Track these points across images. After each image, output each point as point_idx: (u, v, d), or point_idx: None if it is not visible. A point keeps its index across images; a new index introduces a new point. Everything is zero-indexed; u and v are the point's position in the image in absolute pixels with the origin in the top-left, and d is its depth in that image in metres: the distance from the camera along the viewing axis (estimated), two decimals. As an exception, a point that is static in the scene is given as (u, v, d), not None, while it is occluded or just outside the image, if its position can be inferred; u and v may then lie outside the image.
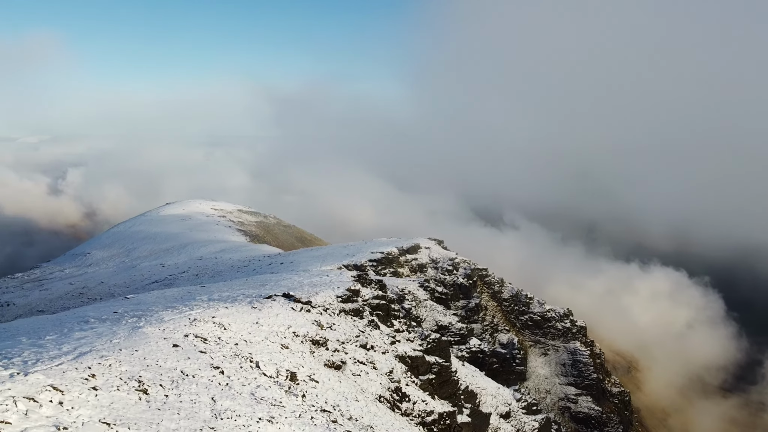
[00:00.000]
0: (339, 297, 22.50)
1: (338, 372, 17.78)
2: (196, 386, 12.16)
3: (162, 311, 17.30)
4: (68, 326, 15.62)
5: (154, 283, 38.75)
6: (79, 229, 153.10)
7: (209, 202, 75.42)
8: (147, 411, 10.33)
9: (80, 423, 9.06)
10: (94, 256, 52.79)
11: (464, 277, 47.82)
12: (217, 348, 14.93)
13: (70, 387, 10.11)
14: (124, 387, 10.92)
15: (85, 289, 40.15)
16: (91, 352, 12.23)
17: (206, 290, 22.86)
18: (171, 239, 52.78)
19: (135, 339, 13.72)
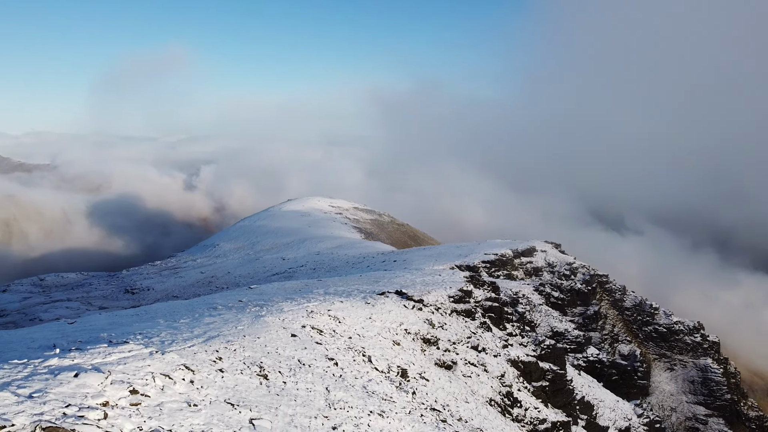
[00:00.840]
0: (451, 297, 22.43)
1: (448, 372, 17.73)
2: (311, 375, 12.66)
3: (282, 302, 18.18)
4: (199, 311, 16.89)
5: (275, 275, 40.82)
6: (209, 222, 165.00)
7: (327, 199, 78.18)
8: (267, 395, 10.92)
9: (208, 402, 9.75)
10: (222, 248, 56.58)
11: (582, 283, 45.82)
12: (332, 340, 15.44)
13: (200, 367, 10.92)
14: (247, 371, 11.62)
15: (213, 278, 43.21)
16: (218, 336, 13.13)
17: (323, 284, 23.72)
18: (291, 234, 55.37)
19: (257, 327, 14.53)
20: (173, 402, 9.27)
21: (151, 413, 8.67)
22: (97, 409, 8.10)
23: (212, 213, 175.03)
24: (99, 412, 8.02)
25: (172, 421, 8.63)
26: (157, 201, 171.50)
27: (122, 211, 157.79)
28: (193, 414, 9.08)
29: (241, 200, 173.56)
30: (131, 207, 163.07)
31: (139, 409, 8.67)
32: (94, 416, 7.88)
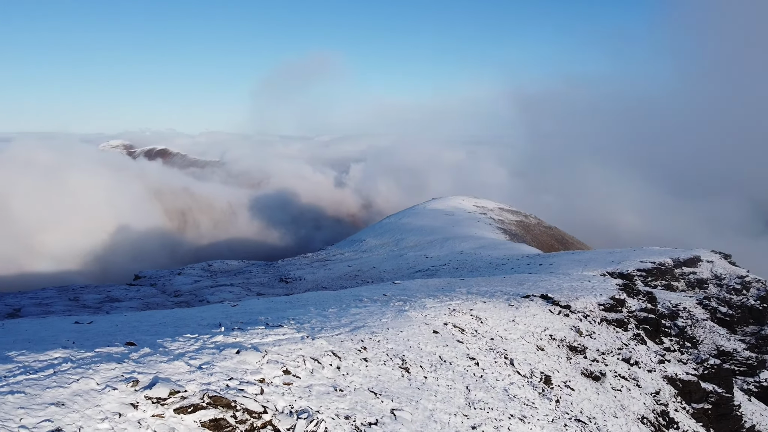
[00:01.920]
0: (601, 305, 21.23)
1: (596, 383, 16.80)
2: (452, 373, 12.68)
3: (425, 298, 18.40)
4: (346, 302, 17.64)
5: (418, 272, 41.43)
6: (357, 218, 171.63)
7: (471, 198, 77.69)
8: (408, 388, 11.12)
9: (353, 388, 10.16)
10: (368, 243, 58.57)
11: (756, 299, 40.95)
12: (474, 340, 15.33)
13: (346, 355, 11.41)
14: (390, 363, 11.92)
15: (359, 272, 44.92)
16: (363, 327, 13.61)
17: (465, 283, 23.63)
18: (435, 232, 55.84)
19: (400, 321, 14.85)
20: (321, 385, 9.79)
21: (301, 393, 9.23)
22: (255, 385, 8.79)
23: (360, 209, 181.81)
24: (256, 388, 8.69)
25: (319, 403, 9.11)
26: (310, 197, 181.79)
27: (279, 206, 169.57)
28: (338, 398, 9.51)
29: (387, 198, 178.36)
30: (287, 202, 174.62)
31: (290, 388, 9.27)
32: (252, 391, 8.56)
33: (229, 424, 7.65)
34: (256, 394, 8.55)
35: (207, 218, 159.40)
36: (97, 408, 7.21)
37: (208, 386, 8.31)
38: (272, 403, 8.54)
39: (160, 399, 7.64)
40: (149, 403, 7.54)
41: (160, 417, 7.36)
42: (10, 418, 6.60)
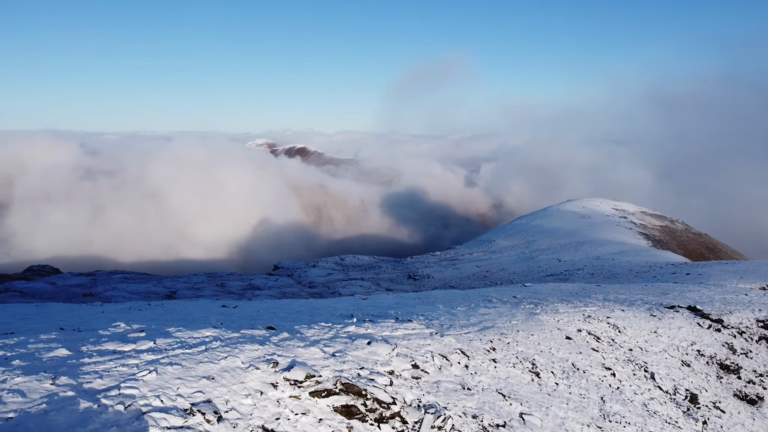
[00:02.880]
0: (760, 321, 19.11)
1: (751, 407, 15.16)
2: (585, 382, 12.09)
3: (557, 303, 17.72)
4: (475, 302, 17.48)
5: (550, 276, 39.99)
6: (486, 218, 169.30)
7: (610, 201, 73.45)
8: (538, 393, 10.78)
9: (481, 388, 10.05)
10: (498, 244, 57.52)
11: None
12: (610, 349, 14.50)
13: (474, 354, 11.30)
14: (519, 366, 11.63)
15: (488, 273, 44.28)
16: (492, 327, 13.40)
17: (601, 290, 22.42)
18: (568, 236, 53.53)
19: (531, 324, 14.43)
20: (449, 382, 9.79)
21: (429, 389, 9.30)
22: (384, 376, 8.99)
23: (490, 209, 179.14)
24: (386, 379, 8.89)
25: (447, 400, 9.11)
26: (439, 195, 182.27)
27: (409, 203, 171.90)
28: (466, 397, 9.45)
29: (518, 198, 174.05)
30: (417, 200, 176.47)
31: (419, 382, 9.36)
32: (381, 381, 8.76)
33: (360, 412, 7.89)
34: (385, 385, 8.74)
35: (340, 214, 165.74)
36: (241, 384, 7.78)
37: (341, 373, 8.63)
38: (401, 396, 8.68)
39: (297, 381, 8.07)
40: (287, 384, 8.00)
41: (296, 398, 7.78)
42: (169, 386, 7.32)
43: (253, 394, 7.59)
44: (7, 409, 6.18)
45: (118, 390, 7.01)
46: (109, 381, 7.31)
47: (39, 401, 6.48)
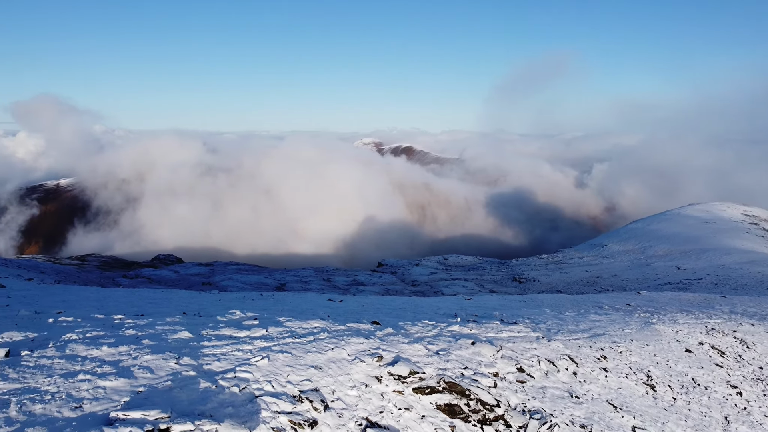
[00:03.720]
0: None
1: None
2: (707, 399, 11.22)
3: (676, 313, 16.59)
4: (584, 308, 16.76)
5: (667, 284, 37.49)
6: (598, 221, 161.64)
7: (739, 206, 67.55)
8: (653, 407, 10.14)
9: (590, 397, 9.61)
10: (610, 249, 54.78)
11: None
12: (736, 366, 13.34)
13: (584, 362, 10.83)
14: (632, 377, 11.00)
15: (598, 278, 42.28)
16: (604, 335, 12.78)
17: (727, 301, 20.69)
18: (690, 242, 49.88)
19: (646, 333, 13.61)
20: (555, 389, 9.45)
21: (534, 394, 9.03)
22: (488, 377, 8.84)
23: (601, 212, 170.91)
24: (490, 380, 8.74)
25: (553, 407, 8.81)
26: (547, 196, 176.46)
27: (515, 204, 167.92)
28: (574, 405, 9.08)
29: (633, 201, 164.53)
30: (523, 200, 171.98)
31: (524, 387, 9.12)
32: (485, 383, 8.63)
33: (463, 412, 7.82)
34: (489, 386, 8.60)
35: (444, 213, 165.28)
36: (347, 376, 7.97)
37: (444, 372, 8.60)
38: (505, 399, 8.50)
39: (400, 377, 8.14)
40: (391, 379, 8.09)
41: (400, 393, 7.84)
42: (280, 373, 7.64)
43: (358, 386, 7.75)
44: (138, 384, 6.75)
45: (233, 373, 7.43)
46: (225, 364, 7.76)
47: (165, 378, 7.02)
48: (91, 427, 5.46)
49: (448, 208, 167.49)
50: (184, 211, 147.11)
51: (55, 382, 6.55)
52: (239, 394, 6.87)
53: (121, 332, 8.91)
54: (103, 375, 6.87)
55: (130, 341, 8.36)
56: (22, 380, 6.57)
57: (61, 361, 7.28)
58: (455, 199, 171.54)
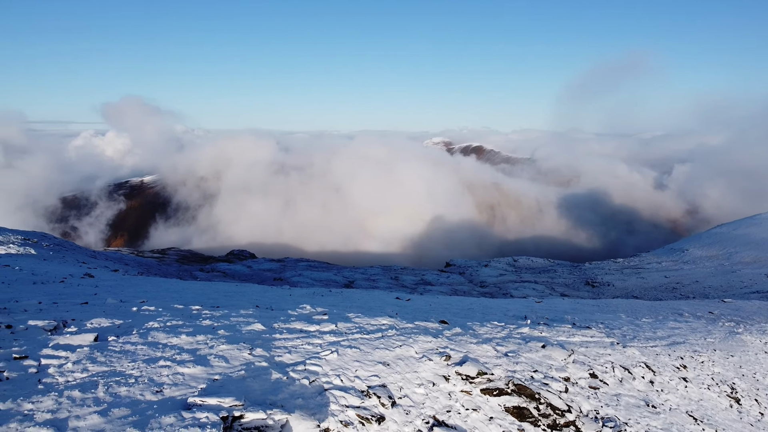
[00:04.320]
0: None
1: None
2: (799, 416, 10.47)
3: (765, 323, 15.59)
4: (663, 314, 16.03)
5: (755, 293, 35.25)
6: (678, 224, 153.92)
7: (837, 211, 62.60)
8: (737, 421, 9.57)
9: (668, 407, 9.18)
10: (691, 254, 52.12)
11: None
12: (833, 382, 12.39)
13: (662, 370, 10.36)
14: (715, 388, 10.43)
15: (678, 285, 40.29)
16: (684, 343, 12.18)
17: (823, 312, 19.23)
18: (781, 248, 46.71)
19: (731, 344, 12.86)
20: (630, 397, 9.09)
21: (608, 401, 8.72)
22: (559, 382, 8.61)
23: (682, 215, 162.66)
24: (560, 385, 8.51)
25: (628, 415, 8.47)
26: (624, 198, 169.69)
27: (589, 205, 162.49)
28: (650, 415, 8.70)
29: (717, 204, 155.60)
30: (597, 202, 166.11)
31: (597, 393, 8.83)
32: (556, 387, 8.41)
33: (532, 415, 7.65)
34: (560, 391, 8.38)
35: (514, 213, 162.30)
36: (414, 374, 7.97)
37: (513, 374, 8.45)
38: (576, 404, 8.26)
39: (468, 377, 8.06)
40: (459, 378, 8.03)
41: (467, 393, 7.77)
42: (348, 368, 7.75)
43: (425, 384, 7.74)
44: (214, 372, 7.02)
45: (304, 366, 7.59)
46: (296, 357, 7.94)
47: (239, 368, 7.26)
48: (171, 410, 5.73)
49: (518, 209, 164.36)
50: (257, 208, 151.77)
51: (138, 367, 6.92)
52: (309, 386, 7.01)
53: (198, 322, 9.30)
54: (182, 362, 7.19)
55: (207, 331, 8.71)
56: (109, 364, 6.98)
57: (144, 348, 7.68)
58: (526, 200, 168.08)
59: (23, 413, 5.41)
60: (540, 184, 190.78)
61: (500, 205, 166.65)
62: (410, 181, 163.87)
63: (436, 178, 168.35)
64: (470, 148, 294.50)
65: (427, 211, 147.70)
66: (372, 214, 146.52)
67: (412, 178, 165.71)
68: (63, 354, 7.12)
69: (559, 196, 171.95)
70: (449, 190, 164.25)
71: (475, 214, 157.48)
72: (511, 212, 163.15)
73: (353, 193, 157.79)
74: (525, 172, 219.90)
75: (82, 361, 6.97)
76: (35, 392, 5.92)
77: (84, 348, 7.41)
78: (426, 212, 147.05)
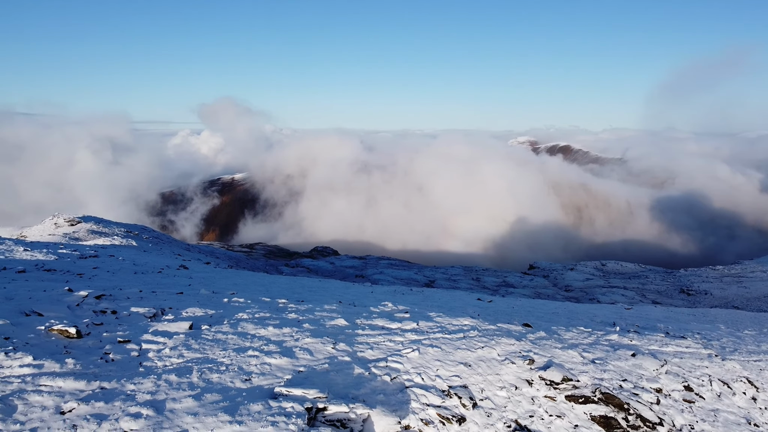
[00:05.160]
0: None
1: None
2: None
3: None
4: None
5: None
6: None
7: None
8: None
9: (772, 427, 8.52)
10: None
11: None
12: None
13: (766, 387, 9.63)
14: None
15: (785, 295, 37.28)
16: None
17: None
18: None
19: None
20: (730, 413, 8.51)
21: (704, 416, 8.21)
22: (650, 393, 8.20)
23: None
24: (652, 396, 8.11)
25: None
26: (725, 201, 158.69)
27: (685, 209, 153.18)
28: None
29: None
30: (695, 205, 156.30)
31: (691, 407, 8.34)
32: (646, 398, 8.02)
33: (620, 426, 7.34)
34: (651, 402, 7.98)
35: (603, 216, 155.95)
36: (496, 376, 7.85)
37: (600, 382, 8.14)
38: (669, 417, 7.83)
39: (553, 382, 7.84)
40: (543, 383, 7.83)
41: (551, 399, 7.56)
42: (429, 367, 7.75)
43: (507, 387, 7.61)
44: (299, 364, 7.24)
45: (385, 362, 7.67)
46: (378, 353, 8.04)
47: (322, 361, 7.45)
48: (259, 398, 5.96)
49: (607, 211, 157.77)
50: (340, 206, 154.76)
51: (228, 356, 7.26)
52: (390, 383, 7.07)
53: (284, 315, 9.61)
54: (269, 353, 7.46)
55: (292, 324, 8.98)
56: (202, 351, 7.36)
57: (234, 337, 8.03)
58: (616, 202, 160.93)
59: (126, 393, 5.81)
60: (631, 185, 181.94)
61: (588, 207, 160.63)
62: (493, 181, 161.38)
63: (520, 178, 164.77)
64: (557, 148, 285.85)
65: (511, 211, 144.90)
66: (454, 214, 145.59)
67: (496, 178, 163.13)
68: (161, 340, 7.59)
69: (652, 198, 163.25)
70: (534, 190, 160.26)
71: (560, 215, 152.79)
72: (600, 214, 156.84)
73: (435, 193, 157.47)
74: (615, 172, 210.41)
75: (178, 347, 7.39)
76: (137, 374, 6.34)
77: (180, 335, 7.86)
78: (509, 213, 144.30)
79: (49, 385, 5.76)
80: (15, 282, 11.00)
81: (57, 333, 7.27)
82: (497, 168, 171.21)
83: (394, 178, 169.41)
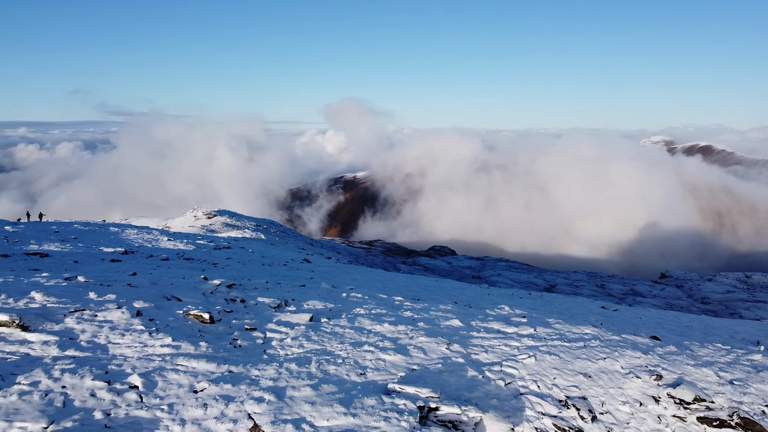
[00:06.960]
0: None
1: None
2: None
3: None
4: None
5: None
6: None
7: None
8: None
9: None
10: None
11: None
12: None
13: None
14: None
15: None
16: None
17: None
18: None
19: None
20: None
21: None
22: (800, 423, 7.35)
23: None
24: (802, 427, 7.26)
25: None
26: None
27: None
28: None
29: None
30: None
31: None
32: (795, 428, 7.20)
33: (762, 456, 6.65)
34: (800, 433, 7.15)
35: (748, 222, 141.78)
36: (619, 390, 7.43)
37: (738, 405, 7.43)
38: (822, 452, 6.97)
39: (683, 401, 7.28)
40: (671, 402, 7.29)
41: (681, 420, 7.02)
42: (546, 375, 7.50)
43: (631, 403, 7.17)
44: (413, 362, 7.31)
45: (500, 367, 7.53)
46: (492, 357, 7.91)
47: (436, 361, 7.46)
48: (373, 393, 6.10)
49: (753, 217, 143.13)
50: (459, 205, 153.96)
51: (345, 349, 7.49)
52: (504, 388, 6.93)
53: (400, 313, 9.75)
54: (384, 349, 7.61)
55: (407, 322, 9.09)
56: (321, 343, 7.66)
57: (351, 332, 8.28)
58: (764, 207, 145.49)
59: (251, 378, 6.20)
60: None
61: (730, 212, 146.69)
62: (622, 183, 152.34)
63: (652, 180, 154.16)
64: (696, 148, 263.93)
65: (641, 215, 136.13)
66: (578, 217, 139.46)
67: (625, 180, 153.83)
68: (284, 330, 8.00)
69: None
70: (667, 193, 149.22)
71: (697, 221, 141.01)
72: (744, 220, 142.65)
73: (559, 194, 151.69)
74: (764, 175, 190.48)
75: (299, 338, 7.75)
76: (261, 361, 6.74)
77: (301, 326, 8.24)
78: (639, 217, 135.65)
79: (184, 365, 6.29)
80: (159, 269, 12.11)
81: (193, 317, 7.92)
82: (627, 169, 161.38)
83: (515, 178, 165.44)
